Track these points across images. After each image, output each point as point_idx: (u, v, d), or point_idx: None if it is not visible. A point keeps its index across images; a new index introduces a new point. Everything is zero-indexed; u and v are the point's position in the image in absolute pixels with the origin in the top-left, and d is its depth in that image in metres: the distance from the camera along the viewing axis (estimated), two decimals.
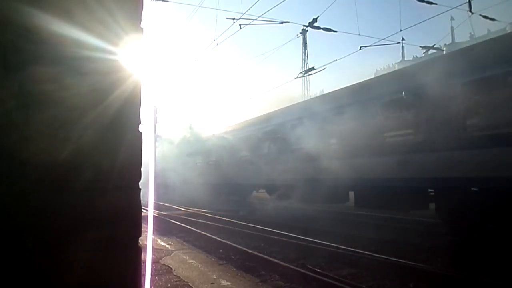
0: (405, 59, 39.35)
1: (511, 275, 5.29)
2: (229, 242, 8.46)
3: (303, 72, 18.59)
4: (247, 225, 10.86)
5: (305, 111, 12.74)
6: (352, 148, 10.29)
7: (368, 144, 9.74)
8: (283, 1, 12.47)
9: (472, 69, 7.50)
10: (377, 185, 9.51)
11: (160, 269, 6.35)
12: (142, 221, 1.43)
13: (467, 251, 7.02)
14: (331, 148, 11.28)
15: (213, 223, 11.79)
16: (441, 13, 14.30)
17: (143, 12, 1.46)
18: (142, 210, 1.45)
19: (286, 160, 13.30)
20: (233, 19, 13.63)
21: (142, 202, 1.44)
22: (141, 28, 1.45)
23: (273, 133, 14.79)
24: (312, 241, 8.00)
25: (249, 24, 14.01)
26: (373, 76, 18.02)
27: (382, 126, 9.65)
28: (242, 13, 13.60)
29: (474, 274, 5.42)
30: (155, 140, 20.74)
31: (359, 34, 28.20)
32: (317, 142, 11.44)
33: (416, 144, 8.56)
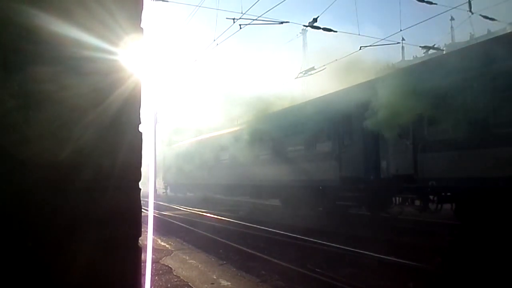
0: (405, 59, 39.25)
1: (510, 274, 5.29)
2: (229, 242, 8.46)
3: (303, 72, 18.58)
4: (247, 225, 10.86)
5: None
6: None
7: None
8: (283, 1, 12.48)
9: None
10: None
11: (160, 269, 6.34)
12: (142, 221, 1.43)
13: (467, 251, 7.02)
14: None
15: (213, 223, 11.80)
16: (441, 13, 14.33)
17: (143, 12, 1.46)
18: (142, 210, 1.46)
19: None
20: (233, 19, 13.61)
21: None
22: (141, 28, 1.45)
23: None
24: (312, 241, 8.00)
25: (249, 24, 14.00)
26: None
27: None
28: (242, 13, 13.57)
29: (474, 274, 5.42)
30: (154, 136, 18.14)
31: (359, 34, 28.06)
32: None
33: None
